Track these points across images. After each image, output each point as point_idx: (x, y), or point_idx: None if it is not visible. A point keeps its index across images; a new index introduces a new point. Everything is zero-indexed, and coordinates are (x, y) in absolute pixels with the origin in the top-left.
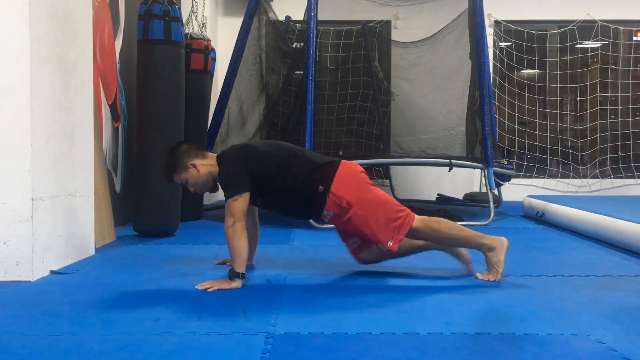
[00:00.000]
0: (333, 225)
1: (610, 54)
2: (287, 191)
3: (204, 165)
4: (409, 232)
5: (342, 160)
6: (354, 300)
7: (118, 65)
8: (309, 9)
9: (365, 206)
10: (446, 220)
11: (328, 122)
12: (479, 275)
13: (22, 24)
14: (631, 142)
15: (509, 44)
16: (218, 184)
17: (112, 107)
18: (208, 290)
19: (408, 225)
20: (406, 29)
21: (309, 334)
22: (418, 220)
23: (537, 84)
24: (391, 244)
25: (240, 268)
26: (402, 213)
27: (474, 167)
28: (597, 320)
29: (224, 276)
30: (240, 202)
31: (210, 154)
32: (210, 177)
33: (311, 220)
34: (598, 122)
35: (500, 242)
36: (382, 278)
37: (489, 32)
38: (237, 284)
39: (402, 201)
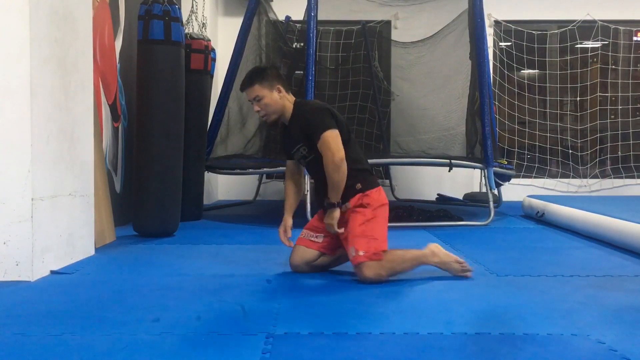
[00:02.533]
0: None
1: (610, 54)
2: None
3: (285, 97)
4: (375, 270)
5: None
6: (354, 300)
7: (118, 65)
8: (309, 9)
9: (372, 221)
10: (392, 253)
11: None
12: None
13: (22, 24)
14: (631, 142)
15: (509, 44)
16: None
17: (112, 107)
18: (332, 229)
19: (380, 255)
20: (406, 29)
21: (309, 334)
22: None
23: (537, 84)
24: (362, 253)
25: (336, 199)
26: (383, 253)
27: (474, 167)
28: (597, 320)
29: (221, 276)
30: (335, 137)
31: (290, 91)
32: (281, 110)
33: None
34: (598, 122)
35: (430, 249)
36: None
37: (489, 32)
38: (336, 212)
39: (402, 201)
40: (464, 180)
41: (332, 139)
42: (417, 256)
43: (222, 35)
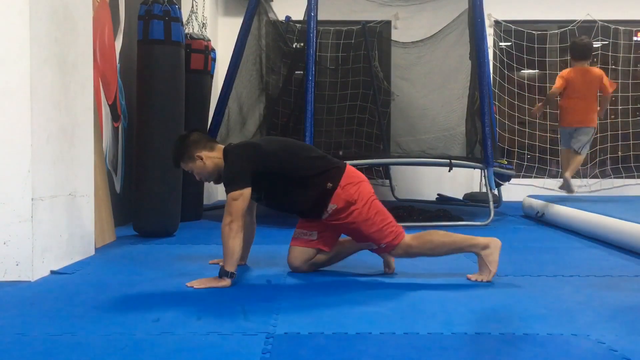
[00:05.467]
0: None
1: (610, 54)
2: (293, 188)
3: (210, 157)
4: (403, 248)
5: (347, 164)
6: (354, 300)
7: (118, 65)
8: (309, 9)
9: (367, 207)
10: (437, 230)
11: (328, 122)
12: (470, 277)
13: (22, 24)
14: (631, 142)
15: (509, 44)
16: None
17: (112, 107)
18: (195, 287)
19: (400, 236)
20: (406, 29)
21: (309, 334)
22: (410, 237)
23: (537, 84)
24: (384, 245)
25: (231, 267)
26: (396, 227)
27: (474, 167)
28: (597, 320)
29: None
30: (240, 202)
31: (219, 145)
32: (215, 170)
33: None
34: (598, 122)
35: (494, 242)
36: (382, 278)
37: (489, 32)
38: (225, 282)
39: (402, 201)
40: (464, 180)
41: (234, 205)
42: (470, 237)
43: (222, 35)
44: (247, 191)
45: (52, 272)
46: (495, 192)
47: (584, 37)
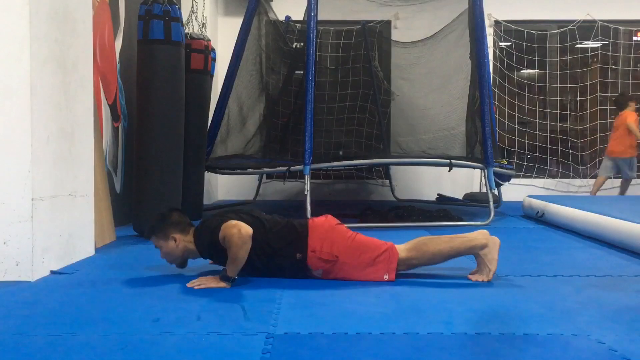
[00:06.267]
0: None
1: (610, 54)
2: (270, 260)
3: (184, 241)
4: (403, 264)
5: (310, 220)
6: (354, 300)
7: (118, 65)
8: (309, 9)
9: (350, 253)
10: (432, 237)
11: (328, 122)
12: (471, 277)
13: (22, 24)
14: None
15: (509, 44)
16: (188, 260)
17: (112, 107)
18: (195, 287)
19: (394, 256)
20: (406, 29)
21: (309, 334)
22: (405, 250)
23: (537, 84)
24: (387, 276)
25: (233, 274)
26: (385, 246)
27: (474, 167)
28: (597, 320)
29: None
30: (237, 223)
31: (192, 229)
32: (183, 254)
33: None
34: (598, 122)
35: (493, 240)
36: None
37: (489, 32)
38: (225, 284)
39: (402, 201)
40: (464, 180)
41: (234, 222)
42: (468, 239)
43: (222, 35)
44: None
45: (52, 272)
46: (495, 192)
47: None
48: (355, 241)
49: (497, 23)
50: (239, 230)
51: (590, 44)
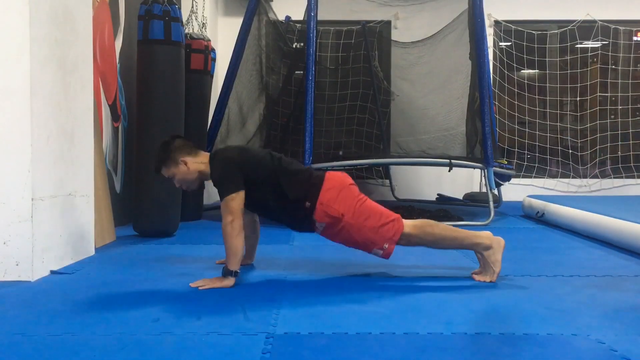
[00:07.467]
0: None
1: (610, 54)
2: (277, 201)
3: (195, 163)
4: (404, 238)
5: (327, 172)
6: (354, 300)
7: (118, 65)
8: (309, 9)
9: (357, 215)
10: (439, 223)
11: (328, 122)
12: (475, 277)
13: (22, 24)
14: (631, 142)
15: (509, 44)
16: (205, 182)
17: (112, 107)
18: (200, 288)
19: (399, 229)
20: (406, 29)
21: (309, 334)
22: (411, 226)
23: (537, 84)
24: (387, 245)
25: (234, 266)
26: (392, 217)
27: (474, 167)
28: (597, 320)
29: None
30: (237, 200)
31: (203, 152)
32: (198, 176)
33: None
34: (598, 122)
35: (497, 241)
36: (382, 278)
37: (489, 32)
38: (229, 282)
39: (402, 201)
40: (464, 180)
41: (233, 204)
42: (474, 235)
43: (222, 35)
44: (242, 192)
45: (52, 272)
46: (495, 192)
47: None
48: (364, 205)
49: (497, 23)
50: (232, 220)
51: (590, 44)
